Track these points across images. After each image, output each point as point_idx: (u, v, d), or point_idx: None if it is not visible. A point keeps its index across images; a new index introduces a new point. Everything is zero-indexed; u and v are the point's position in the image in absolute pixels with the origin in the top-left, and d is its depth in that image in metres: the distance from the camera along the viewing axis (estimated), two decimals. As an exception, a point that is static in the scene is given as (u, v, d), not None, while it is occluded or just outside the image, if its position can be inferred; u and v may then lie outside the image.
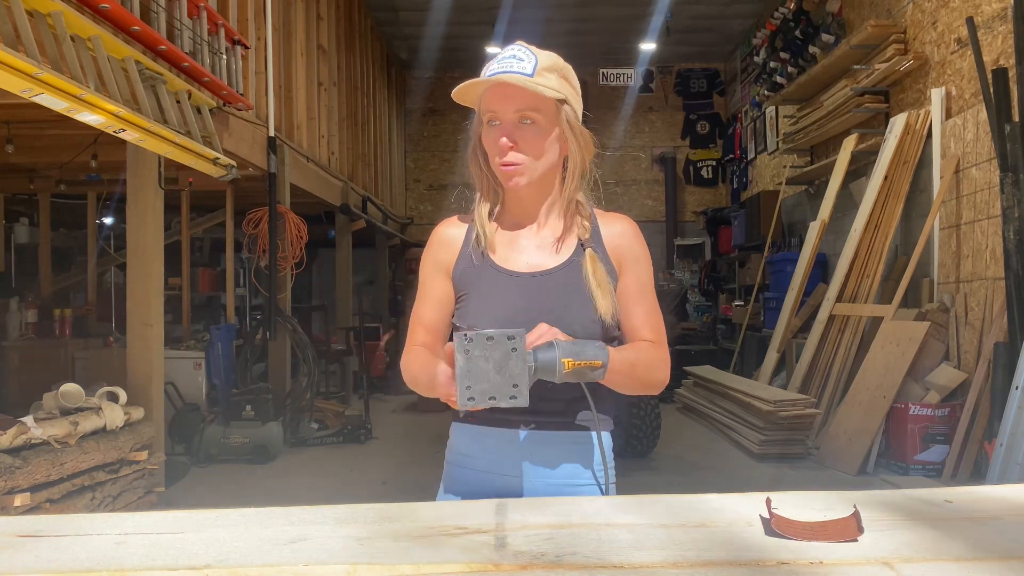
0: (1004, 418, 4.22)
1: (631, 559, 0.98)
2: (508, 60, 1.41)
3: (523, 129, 1.41)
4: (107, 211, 8.28)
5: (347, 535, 1.08)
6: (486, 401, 1.23)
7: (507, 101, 1.40)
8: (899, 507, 1.20)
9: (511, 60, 1.41)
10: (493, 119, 1.42)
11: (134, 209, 4.57)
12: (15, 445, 3.20)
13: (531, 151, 1.42)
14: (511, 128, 1.41)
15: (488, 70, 1.42)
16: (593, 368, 1.29)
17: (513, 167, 1.41)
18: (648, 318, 1.48)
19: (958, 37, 5.62)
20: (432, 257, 1.52)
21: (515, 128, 1.41)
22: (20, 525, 1.14)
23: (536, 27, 9.86)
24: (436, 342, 1.49)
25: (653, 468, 5.49)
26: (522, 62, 1.40)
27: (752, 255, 9.74)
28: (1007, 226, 4.60)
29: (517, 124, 1.41)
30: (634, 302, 1.48)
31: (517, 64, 1.40)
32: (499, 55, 1.43)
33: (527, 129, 1.41)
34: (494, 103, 1.41)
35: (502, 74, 1.39)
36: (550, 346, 1.28)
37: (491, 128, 1.43)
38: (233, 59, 5.23)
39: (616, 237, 1.50)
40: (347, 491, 4.84)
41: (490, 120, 1.43)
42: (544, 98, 1.40)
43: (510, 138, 1.40)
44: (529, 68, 1.39)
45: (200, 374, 6.24)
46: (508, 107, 1.40)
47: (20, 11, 3.04)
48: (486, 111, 1.43)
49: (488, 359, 1.23)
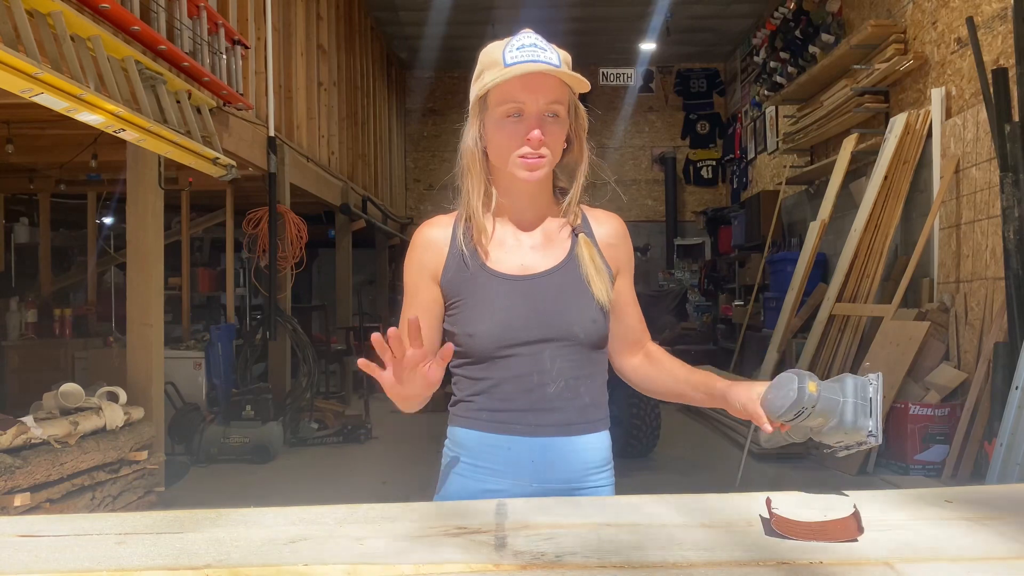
0: (1004, 418, 4.22)
1: (631, 559, 0.98)
2: (531, 49, 1.34)
3: (548, 122, 1.36)
4: (107, 211, 8.28)
5: (347, 535, 1.08)
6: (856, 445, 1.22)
7: (538, 92, 1.34)
8: (899, 507, 1.20)
9: (534, 49, 1.34)
10: (516, 111, 1.35)
11: (134, 209, 4.57)
12: (15, 445, 3.20)
13: (554, 145, 1.38)
14: (539, 120, 1.36)
15: (510, 58, 1.34)
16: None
17: (536, 160, 1.37)
18: (641, 319, 1.55)
19: (958, 37, 5.62)
20: (416, 261, 1.46)
21: (542, 121, 1.36)
22: (20, 525, 1.14)
23: (536, 27, 9.64)
24: (424, 354, 1.47)
25: (653, 468, 5.49)
26: (546, 52, 1.35)
27: (752, 255, 9.74)
28: (1007, 226, 4.60)
29: (543, 117, 1.36)
30: (629, 302, 1.52)
31: (543, 54, 1.34)
32: (513, 43, 1.36)
33: (552, 122, 1.37)
34: (521, 94, 1.34)
35: (536, 63, 1.32)
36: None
37: (512, 120, 1.36)
38: (233, 59, 5.23)
39: (611, 237, 1.49)
40: (347, 491, 4.84)
41: (512, 112, 1.36)
42: (567, 91, 1.37)
43: (539, 130, 1.35)
44: (556, 59, 1.34)
45: (200, 374, 6.23)
46: (539, 98, 1.34)
47: (20, 11, 3.04)
48: (505, 102, 1.35)
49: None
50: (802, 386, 1.16)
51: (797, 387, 1.16)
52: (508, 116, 1.36)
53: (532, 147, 1.36)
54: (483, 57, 1.40)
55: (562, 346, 1.39)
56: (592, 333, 1.41)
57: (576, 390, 1.41)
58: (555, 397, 1.40)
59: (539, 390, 1.39)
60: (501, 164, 1.40)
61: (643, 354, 1.53)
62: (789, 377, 1.20)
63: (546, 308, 1.39)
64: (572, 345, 1.40)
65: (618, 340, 1.51)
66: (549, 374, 1.39)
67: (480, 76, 1.39)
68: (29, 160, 6.32)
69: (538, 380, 1.39)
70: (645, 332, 1.54)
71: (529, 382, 1.39)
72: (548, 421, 1.40)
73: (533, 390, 1.39)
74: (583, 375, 1.42)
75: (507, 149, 1.38)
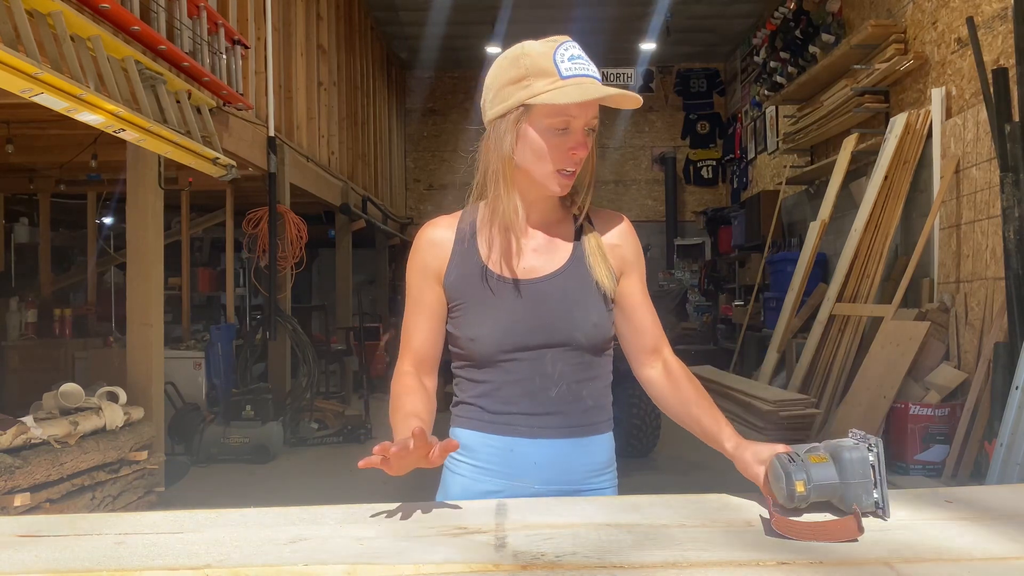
0: (1004, 418, 4.21)
1: (631, 559, 0.98)
2: (581, 62, 1.32)
3: (588, 136, 1.36)
4: (107, 211, 8.29)
5: (347, 535, 1.08)
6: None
7: (590, 108, 1.33)
8: (899, 507, 1.20)
9: (583, 62, 1.33)
10: (565, 125, 1.33)
11: (134, 209, 4.57)
12: (15, 445, 3.20)
13: (587, 160, 1.38)
14: (584, 135, 1.35)
15: (565, 70, 1.31)
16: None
17: (569, 175, 1.36)
18: (656, 321, 1.48)
19: (958, 37, 5.61)
20: (420, 263, 1.44)
21: (584, 136, 1.35)
22: (20, 525, 1.14)
23: (536, 27, 9.82)
24: (427, 360, 1.45)
25: (653, 468, 5.49)
26: (591, 65, 1.34)
27: (752, 255, 9.74)
28: (1007, 226, 4.60)
29: (586, 132, 1.35)
30: (640, 302, 1.47)
31: (591, 68, 1.33)
32: (562, 52, 1.33)
33: (590, 136, 1.36)
34: (575, 109, 1.31)
35: (594, 80, 1.31)
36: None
37: (560, 134, 1.33)
38: (233, 59, 5.23)
39: (615, 236, 1.47)
40: (347, 491, 4.83)
41: (561, 126, 1.33)
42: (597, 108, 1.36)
43: (585, 147, 1.35)
44: (598, 73, 1.34)
45: (200, 374, 6.24)
46: (587, 114, 1.33)
47: (20, 11, 3.04)
48: (557, 115, 1.32)
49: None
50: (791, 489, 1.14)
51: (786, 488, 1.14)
52: (556, 129, 1.33)
53: (574, 163, 1.35)
54: (525, 60, 1.33)
55: (564, 351, 1.39)
56: (594, 337, 1.40)
57: (578, 393, 1.41)
58: (557, 400, 1.39)
59: (541, 393, 1.39)
60: (535, 173, 1.37)
61: (662, 366, 1.46)
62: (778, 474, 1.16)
63: (548, 313, 1.39)
64: (574, 349, 1.39)
65: (631, 344, 1.48)
66: (551, 378, 1.39)
67: (525, 81, 1.32)
68: (29, 160, 6.32)
69: (540, 384, 1.39)
70: (662, 337, 1.48)
71: (531, 386, 1.39)
72: (550, 424, 1.40)
73: (535, 393, 1.39)
74: (585, 378, 1.41)
75: (549, 162, 1.35)
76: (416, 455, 1.16)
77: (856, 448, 1.16)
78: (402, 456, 1.15)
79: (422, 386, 1.43)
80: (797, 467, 1.15)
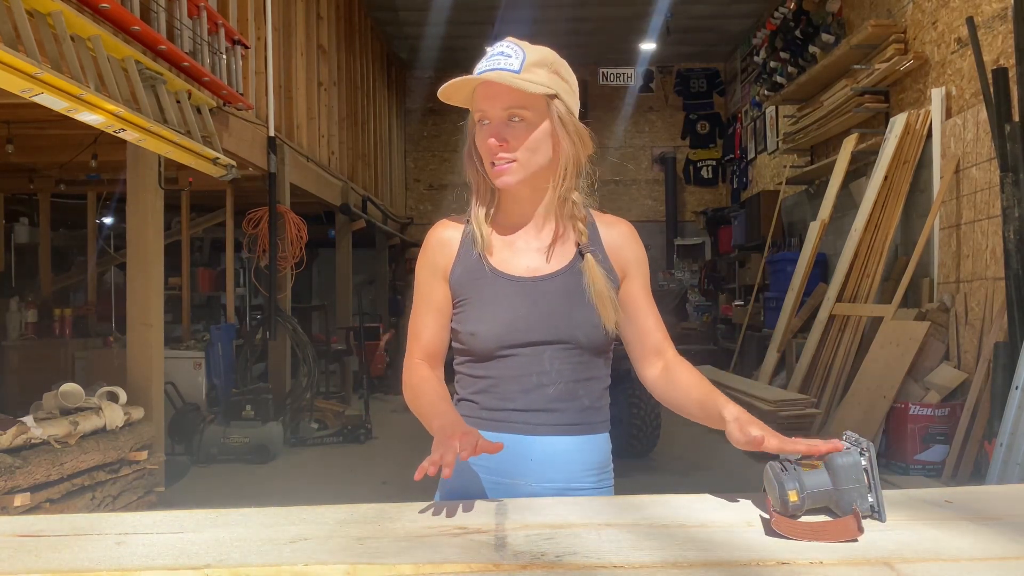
0: (1004, 418, 4.21)
1: (631, 559, 0.98)
2: (496, 57, 1.37)
3: (512, 127, 1.37)
4: (107, 211, 8.29)
5: (347, 535, 1.08)
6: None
7: (495, 99, 1.37)
8: (899, 507, 1.20)
9: (499, 57, 1.37)
10: (483, 118, 1.39)
11: (134, 209, 4.57)
12: (15, 445, 3.20)
13: (522, 149, 1.38)
14: (501, 127, 1.38)
15: (476, 68, 1.39)
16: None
17: (503, 166, 1.38)
18: (660, 323, 1.49)
19: (958, 37, 5.62)
20: (429, 261, 1.48)
21: (504, 127, 1.37)
22: (20, 525, 1.14)
23: (536, 27, 9.86)
24: (436, 354, 1.47)
25: (653, 468, 5.49)
26: (509, 58, 1.37)
27: (752, 255, 9.74)
28: (1007, 226, 4.60)
29: (506, 122, 1.37)
30: (643, 306, 1.48)
31: (504, 61, 1.36)
32: (489, 52, 1.40)
33: (516, 127, 1.37)
34: (482, 102, 1.38)
35: (488, 72, 1.36)
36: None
37: (482, 128, 1.40)
38: (233, 59, 5.23)
39: (617, 239, 1.48)
40: (347, 491, 4.84)
41: (480, 120, 1.40)
42: (532, 95, 1.36)
43: (499, 137, 1.37)
44: (516, 64, 1.36)
45: (200, 374, 6.24)
46: (495, 105, 1.37)
47: (20, 11, 3.04)
48: (476, 111, 1.40)
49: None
50: (784, 498, 1.13)
51: (779, 497, 1.14)
52: (479, 122, 1.40)
53: (491, 153, 1.39)
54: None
55: (563, 349, 1.40)
56: (594, 337, 1.40)
57: (575, 392, 1.41)
58: (554, 398, 1.40)
59: (538, 391, 1.40)
60: (485, 170, 1.43)
61: (663, 365, 1.47)
62: (771, 483, 1.15)
63: (549, 310, 1.40)
64: (573, 348, 1.40)
65: (634, 346, 1.48)
66: (549, 375, 1.40)
67: None
68: (29, 160, 6.32)
69: (537, 381, 1.40)
70: (666, 339, 1.48)
71: (528, 382, 1.40)
72: (547, 421, 1.41)
73: (532, 390, 1.40)
74: (583, 378, 1.42)
75: (483, 156, 1.41)
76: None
77: (848, 453, 1.15)
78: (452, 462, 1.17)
79: (436, 374, 1.45)
80: (789, 476, 1.14)
